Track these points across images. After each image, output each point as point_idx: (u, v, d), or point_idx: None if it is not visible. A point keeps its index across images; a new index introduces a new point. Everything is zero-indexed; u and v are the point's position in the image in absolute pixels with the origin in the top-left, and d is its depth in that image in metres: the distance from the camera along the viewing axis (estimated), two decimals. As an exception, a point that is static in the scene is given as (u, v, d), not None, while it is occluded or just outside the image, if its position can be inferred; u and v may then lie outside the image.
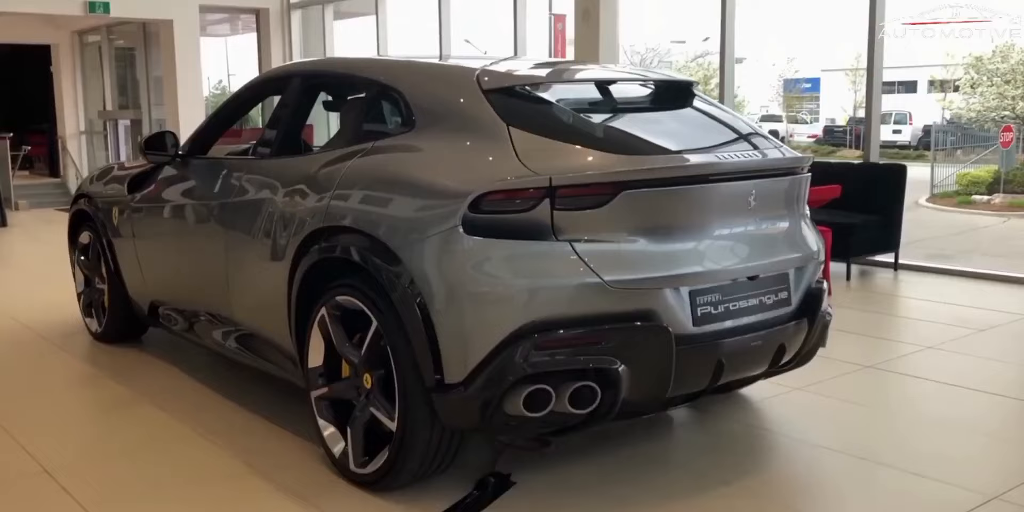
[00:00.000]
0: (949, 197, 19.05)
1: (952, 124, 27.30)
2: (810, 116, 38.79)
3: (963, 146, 23.34)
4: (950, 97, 31.62)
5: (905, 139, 32.22)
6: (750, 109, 40.02)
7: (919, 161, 24.72)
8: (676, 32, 37.87)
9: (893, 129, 32.78)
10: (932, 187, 19.81)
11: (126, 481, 3.28)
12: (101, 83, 15.81)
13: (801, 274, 3.28)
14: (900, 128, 32.95)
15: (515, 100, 3.12)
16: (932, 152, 22.10)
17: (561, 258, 2.79)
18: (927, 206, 18.45)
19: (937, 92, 34.55)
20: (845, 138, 31.82)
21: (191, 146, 4.34)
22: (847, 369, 4.48)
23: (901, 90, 39.05)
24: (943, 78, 33.53)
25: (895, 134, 32.61)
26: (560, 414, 2.80)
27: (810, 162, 3.38)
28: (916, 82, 38.83)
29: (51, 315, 5.76)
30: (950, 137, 24.13)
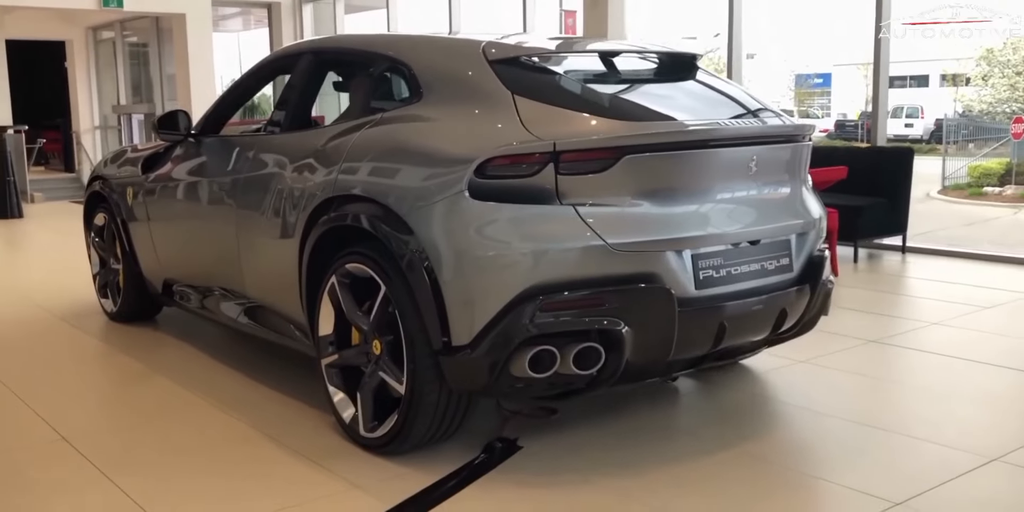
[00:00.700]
0: (961, 189, 19.02)
1: (964, 117, 27.20)
2: (821, 111, 38.73)
3: (975, 139, 23.28)
4: (962, 91, 31.52)
5: (917, 133, 32.11)
6: (761, 104, 39.92)
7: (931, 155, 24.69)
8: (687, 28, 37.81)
9: (905, 123, 32.69)
10: (943, 179, 19.78)
11: (141, 446, 3.36)
12: (115, 79, 15.94)
13: (803, 241, 3.33)
14: (912, 122, 32.85)
15: (520, 70, 3.18)
16: (943, 145, 22.05)
17: (565, 221, 2.84)
18: (938, 198, 18.43)
19: (949, 86, 34.44)
20: (856, 132, 31.72)
21: (204, 125, 4.41)
22: (851, 343, 4.53)
23: (913, 84, 38.94)
24: (955, 72, 33.42)
25: (907, 128, 32.51)
26: (565, 375, 2.86)
27: (812, 130, 3.43)
28: (928, 76, 38.71)
29: (67, 298, 5.85)
30: (962, 130, 24.04)
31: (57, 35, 16.41)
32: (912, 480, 2.93)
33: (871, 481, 2.93)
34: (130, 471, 3.10)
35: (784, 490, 2.91)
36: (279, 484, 2.97)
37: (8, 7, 12.18)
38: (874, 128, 7.44)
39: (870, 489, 2.86)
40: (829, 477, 3.00)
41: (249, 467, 3.13)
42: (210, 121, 4.41)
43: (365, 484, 2.95)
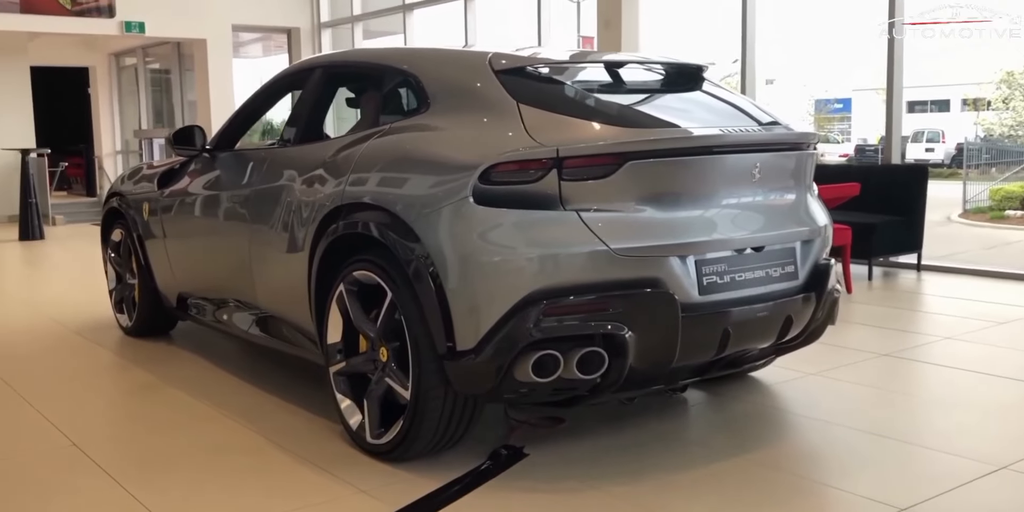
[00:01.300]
0: (982, 213, 18.89)
1: (985, 140, 27.10)
2: (842, 136, 38.70)
3: (996, 162, 23.17)
4: (983, 115, 31.43)
5: (938, 158, 32.01)
6: (780, 129, 39.95)
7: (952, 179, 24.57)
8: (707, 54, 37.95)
9: (926, 148, 32.60)
10: (964, 203, 19.67)
11: (151, 454, 3.38)
12: (137, 104, 16.18)
13: (808, 248, 3.33)
14: (933, 146, 32.77)
15: (525, 80, 3.22)
16: (964, 168, 21.97)
17: (568, 227, 2.87)
18: (959, 221, 18.31)
19: (971, 110, 34.35)
20: (877, 157, 31.64)
21: (219, 140, 4.48)
22: (863, 357, 4.51)
23: (934, 109, 38.87)
24: (976, 96, 33.36)
25: (927, 152, 32.42)
26: (569, 380, 2.87)
27: (817, 139, 3.45)
28: (949, 101, 38.63)
29: (83, 314, 5.91)
30: (983, 154, 23.95)
31: (81, 62, 16.71)
32: (918, 487, 2.91)
33: (878, 488, 2.91)
34: (140, 476, 3.13)
35: (791, 496, 2.90)
36: (285, 490, 2.99)
37: (33, 33, 12.41)
38: (888, 144, 7.43)
39: (876, 495, 2.84)
40: (836, 484, 2.99)
41: (257, 474, 3.15)
42: (225, 136, 4.48)
43: (370, 489, 2.96)
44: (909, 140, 33.53)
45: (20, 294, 7.30)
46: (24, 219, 10.55)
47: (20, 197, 10.66)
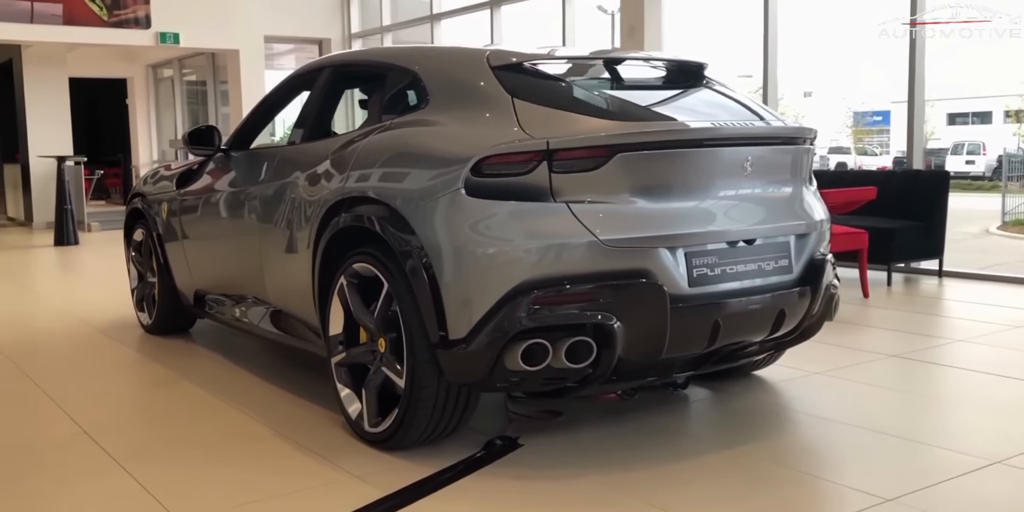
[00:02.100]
0: (1021, 224, 18.62)
1: (1026, 152, 26.72)
2: (880, 148, 38.33)
3: (1038, 174, 22.82)
4: (1026, 126, 31.01)
5: (979, 170, 31.61)
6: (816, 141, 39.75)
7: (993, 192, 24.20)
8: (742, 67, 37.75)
9: (966, 160, 32.21)
10: (1003, 215, 19.40)
11: (158, 441, 3.47)
12: (173, 116, 16.49)
13: (803, 243, 3.35)
14: (973, 159, 32.38)
15: (521, 75, 3.29)
16: (1004, 180, 21.67)
17: (559, 218, 2.92)
18: (997, 234, 18.05)
19: (1013, 121, 33.89)
20: (916, 170, 31.12)
21: (234, 140, 4.59)
22: (871, 358, 4.50)
23: (976, 121, 38.39)
24: (1019, 108, 32.91)
25: (968, 165, 32.02)
26: (558, 369, 2.91)
27: (814, 134, 3.47)
28: (991, 113, 38.15)
29: (110, 314, 6.05)
30: (1024, 165, 23.61)
31: (120, 73, 17.09)
32: (908, 479, 2.91)
33: (867, 480, 2.91)
34: (144, 462, 3.21)
35: (780, 487, 2.91)
36: (282, 475, 3.06)
37: (71, 45, 12.72)
38: (910, 151, 7.39)
39: (865, 487, 2.85)
40: (826, 476, 3.00)
41: (257, 460, 3.22)
42: (240, 136, 4.59)
43: (364, 475, 3.02)
44: (949, 152, 33.16)
45: (50, 296, 7.48)
46: (59, 225, 10.79)
47: (56, 203, 10.90)
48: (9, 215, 14.59)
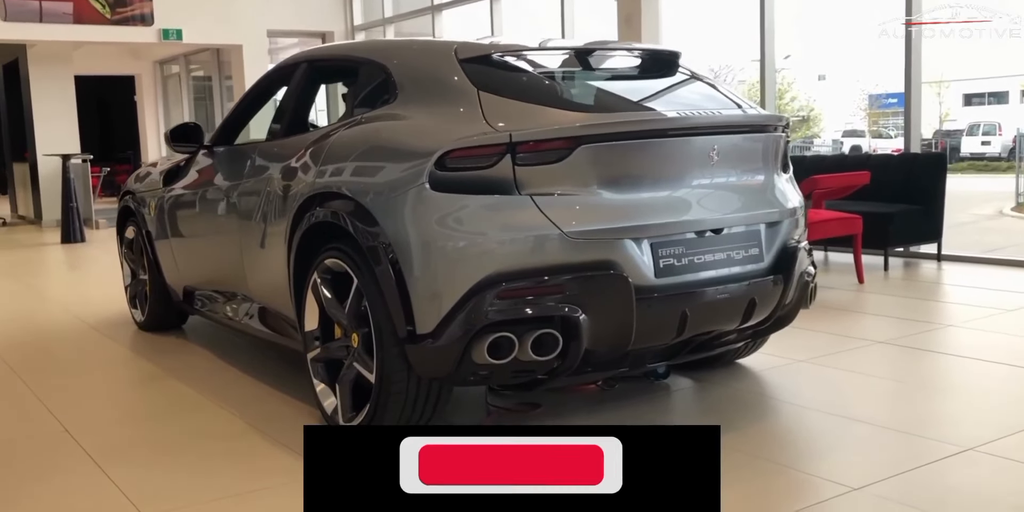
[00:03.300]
0: (1037, 206, 18.43)
1: (1042, 132, 26.42)
2: (895, 131, 38.03)
3: (1055, 154, 22.55)
4: (1045, 105, 30.64)
5: (995, 151, 31.29)
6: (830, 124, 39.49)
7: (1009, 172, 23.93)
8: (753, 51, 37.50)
9: (982, 141, 31.89)
10: (1017, 196, 19.20)
11: (137, 441, 3.49)
12: (181, 111, 16.56)
13: (775, 231, 3.33)
14: (989, 139, 32.04)
15: (488, 68, 3.27)
16: (1018, 161, 21.44)
17: (523, 211, 2.91)
18: (1011, 215, 17.87)
19: (1031, 101, 33.54)
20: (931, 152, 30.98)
21: (217, 137, 4.61)
22: (857, 344, 4.47)
23: (992, 101, 38.00)
24: (1037, 87, 32.55)
25: (983, 146, 31.72)
26: (526, 362, 2.91)
27: (786, 122, 3.44)
28: (1007, 93, 37.75)
29: (106, 312, 6.08)
30: (1040, 146, 23.32)
31: (127, 70, 17.17)
32: (877, 468, 2.89)
33: (836, 469, 2.90)
34: (122, 462, 3.22)
35: (751, 477, 2.89)
36: (255, 472, 3.07)
37: (76, 43, 12.78)
38: (907, 134, 7.33)
39: (833, 476, 2.84)
40: (796, 465, 2.99)
41: (232, 458, 3.23)
42: (222, 132, 4.60)
43: (335, 470, 3.03)
44: (964, 133, 32.83)
45: (50, 293, 7.53)
46: (65, 222, 10.86)
47: (61, 202, 10.97)
48: (19, 213, 14.70)
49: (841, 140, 34.49)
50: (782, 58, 33.57)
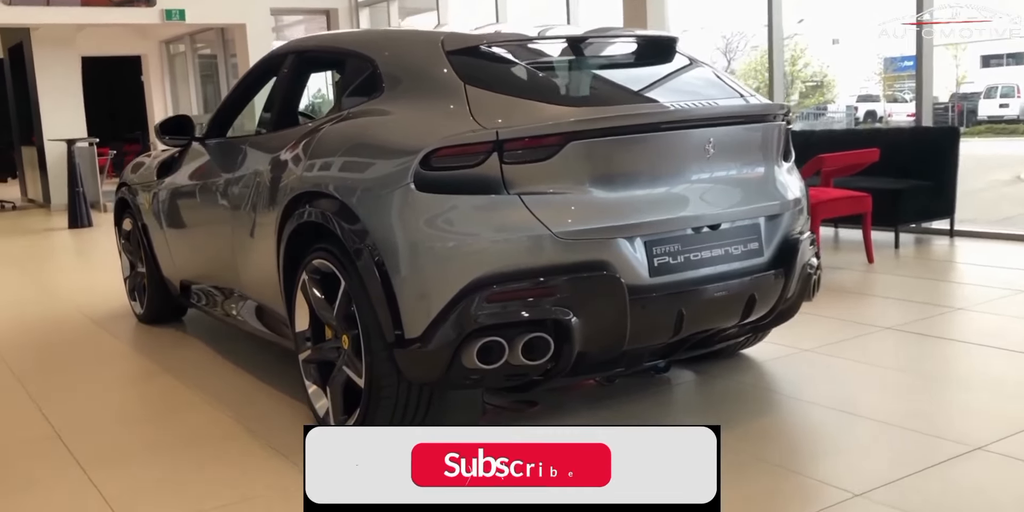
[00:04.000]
0: (1056, 170, 18.14)
1: (1062, 93, 25.99)
2: (910, 94, 37.48)
3: (1073, 117, 22.17)
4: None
5: (1013, 113, 30.84)
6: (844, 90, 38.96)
7: (1029, 136, 23.56)
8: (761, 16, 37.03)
9: (1000, 103, 31.41)
10: (1033, 160, 18.91)
11: (126, 444, 3.44)
12: (188, 90, 16.45)
13: (775, 224, 3.22)
14: (1007, 102, 31.55)
15: (476, 60, 3.16)
16: (1037, 123, 21.10)
17: (511, 211, 2.82)
18: (1029, 180, 17.61)
19: (1051, 62, 32.97)
20: (947, 115, 30.64)
21: (209, 129, 4.52)
22: (864, 331, 4.37)
23: (1010, 62, 37.35)
24: (1058, 46, 31.95)
25: (1002, 108, 31.25)
26: (517, 366, 2.83)
27: (786, 110, 3.32)
28: (1025, 53, 37.09)
29: (108, 302, 6.04)
30: (1061, 106, 22.93)
31: (133, 50, 17.05)
32: (881, 470, 2.81)
33: (838, 471, 2.82)
34: (108, 466, 3.18)
35: (747, 481, 2.81)
36: (245, 478, 3.01)
37: (79, 25, 12.67)
38: (918, 106, 7.16)
39: (834, 480, 2.75)
40: (795, 467, 2.91)
41: (223, 463, 3.17)
42: (214, 124, 4.52)
43: (325, 477, 2.97)
44: (982, 96, 32.31)
45: (53, 282, 7.48)
46: (72, 207, 10.83)
47: (67, 186, 10.93)
48: (29, 197, 14.70)
49: (855, 105, 34.02)
50: (795, 23, 33.06)
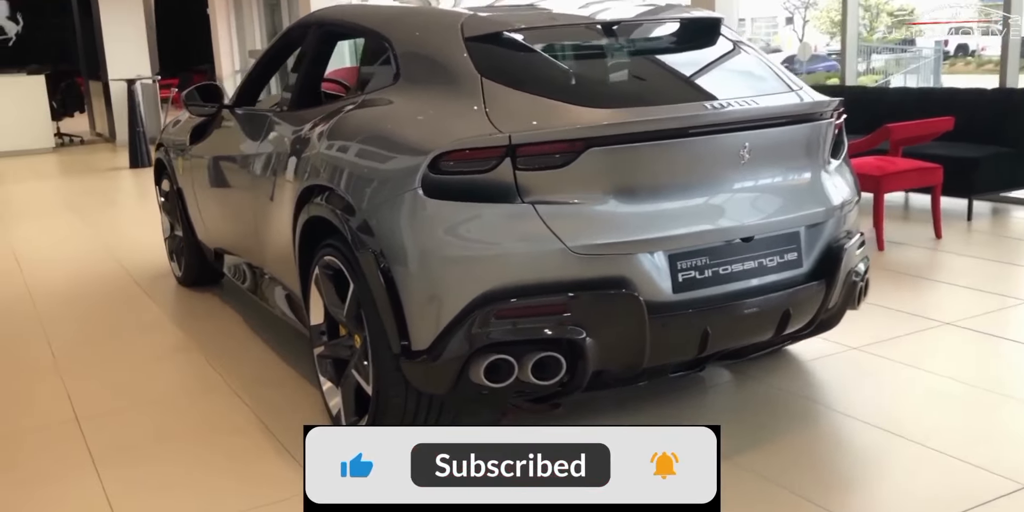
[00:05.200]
0: None
1: None
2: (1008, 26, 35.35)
3: None
4: None
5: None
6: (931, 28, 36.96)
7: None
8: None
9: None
10: None
11: (139, 432, 3.40)
12: (252, 21, 16.27)
13: (817, 232, 2.96)
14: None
15: (497, 49, 2.93)
16: None
17: (524, 221, 2.62)
18: None
19: None
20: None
21: (237, 97, 4.36)
22: (921, 326, 4.09)
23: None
24: None
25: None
26: (527, 383, 2.67)
27: (834, 105, 3.02)
28: None
29: (151, 256, 6.02)
30: None
31: (199, -19, 16.87)
32: (914, 508, 2.60)
33: (865, 506, 2.62)
34: (118, 460, 3.14)
35: (755, 509, 2.63)
36: (252, 482, 2.93)
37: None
38: (1003, 65, 6.65)
39: (861, 519, 2.56)
40: (818, 498, 2.69)
41: (232, 461, 3.10)
42: (242, 93, 4.36)
43: (329, 487, 2.88)
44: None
45: (102, 232, 7.42)
46: (133, 146, 10.88)
47: (128, 126, 10.97)
48: (97, 131, 14.86)
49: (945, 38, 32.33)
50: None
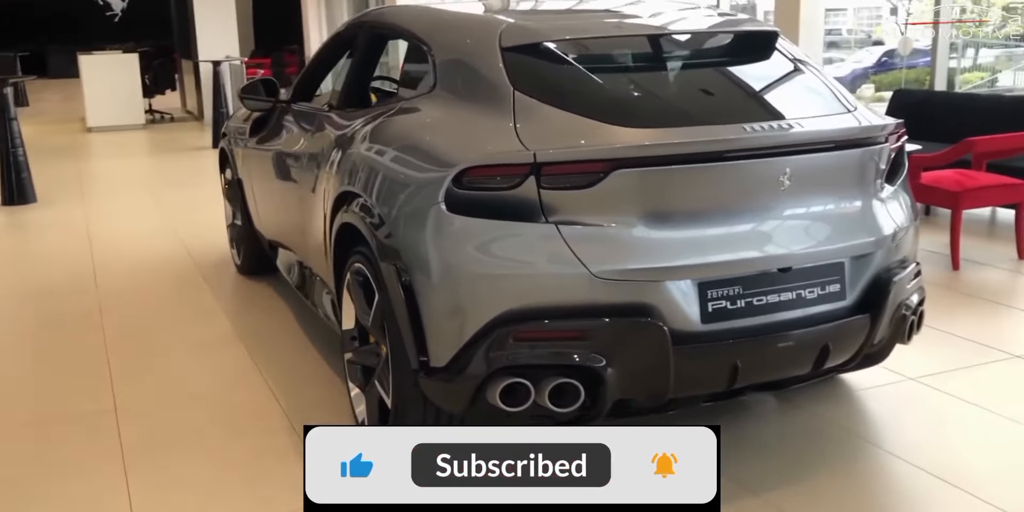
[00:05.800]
0: None
1: None
2: None
3: None
4: None
5: None
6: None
7: None
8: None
9: None
10: None
11: (173, 427, 3.43)
12: (341, 5, 16.40)
13: (865, 262, 2.79)
14: None
15: (533, 60, 2.83)
16: None
17: (546, 242, 2.52)
18: None
19: None
20: None
21: (295, 92, 4.35)
22: (989, 357, 3.85)
23: None
24: None
25: None
26: (544, 408, 2.59)
27: (891, 128, 2.83)
28: None
29: (215, 241, 6.10)
30: None
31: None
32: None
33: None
34: (148, 456, 3.18)
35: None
36: (273, 487, 2.92)
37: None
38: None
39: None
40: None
41: (256, 464, 3.10)
42: (299, 88, 4.35)
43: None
44: None
45: (175, 213, 7.53)
46: (216, 127, 11.07)
47: (212, 106, 11.16)
48: (187, 108, 15.20)
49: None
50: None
